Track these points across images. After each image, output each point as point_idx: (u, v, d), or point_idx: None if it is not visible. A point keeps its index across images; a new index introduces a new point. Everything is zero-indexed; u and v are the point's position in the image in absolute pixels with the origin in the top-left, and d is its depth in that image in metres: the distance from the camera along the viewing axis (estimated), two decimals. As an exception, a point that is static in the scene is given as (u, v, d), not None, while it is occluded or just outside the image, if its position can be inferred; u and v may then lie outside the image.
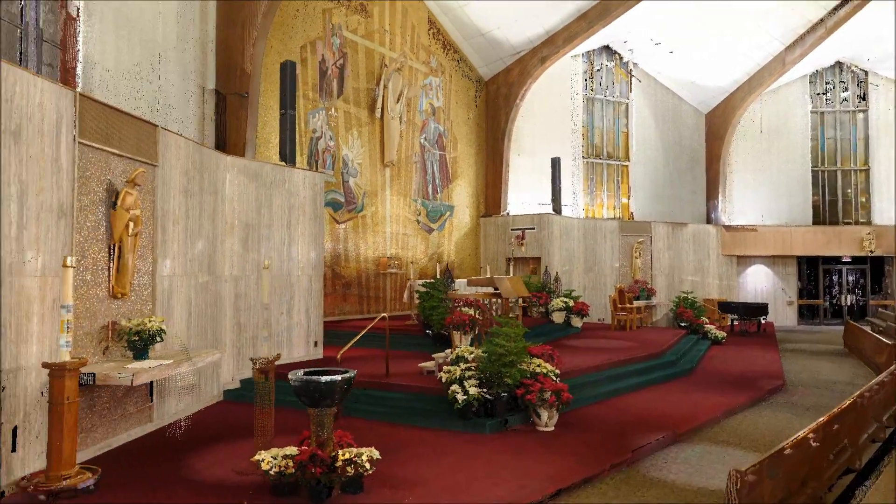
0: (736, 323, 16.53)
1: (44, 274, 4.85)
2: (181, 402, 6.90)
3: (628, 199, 19.71)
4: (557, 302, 13.08)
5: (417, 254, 14.76)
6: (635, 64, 19.60)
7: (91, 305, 5.45)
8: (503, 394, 6.45)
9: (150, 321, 5.70)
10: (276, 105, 11.24)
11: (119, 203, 5.66)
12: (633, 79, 19.73)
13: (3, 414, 4.50)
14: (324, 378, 4.43)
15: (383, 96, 13.56)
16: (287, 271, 8.82)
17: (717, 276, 19.35)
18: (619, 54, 19.36)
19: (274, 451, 4.59)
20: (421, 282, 11.27)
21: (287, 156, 8.96)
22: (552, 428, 6.44)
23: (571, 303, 13.13)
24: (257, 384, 5.40)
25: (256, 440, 5.28)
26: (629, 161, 19.69)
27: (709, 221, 20.02)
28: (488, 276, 9.45)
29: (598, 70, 19.35)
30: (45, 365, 4.47)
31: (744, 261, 19.92)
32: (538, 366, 6.77)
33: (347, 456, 4.49)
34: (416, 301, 10.75)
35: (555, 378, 6.79)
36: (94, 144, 5.45)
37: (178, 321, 6.85)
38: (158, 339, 5.82)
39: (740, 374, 10.05)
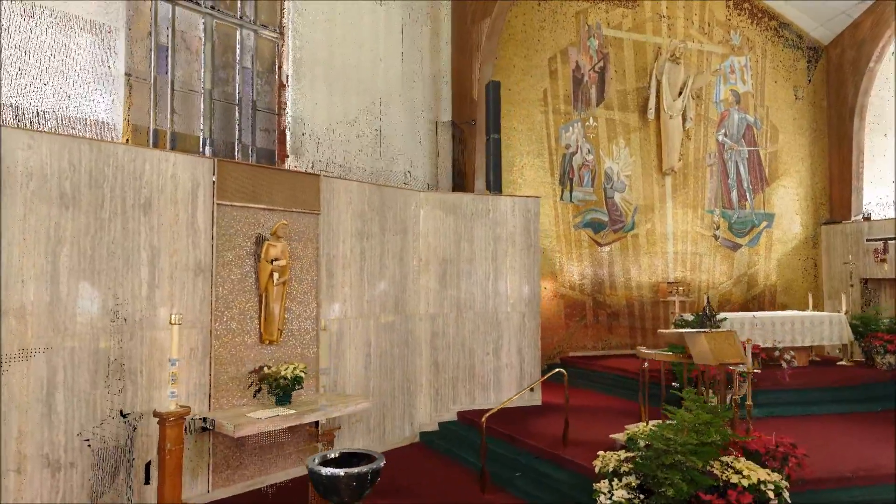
0: None
1: (179, 326, 5.44)
2: (357, 443, 6.97)
3: None
4: (921, 349, 8.90)
5: (715, 276, 12.07)
6: None
7: (237, 352, 5.91)
8: (667, 508, 4.50)
9: (285, 369, 5.89)
10: (517, 127, 10.72)
11: (262, 255, 6.02)
12: None
13: (136, 451, 5.18)
14: (325, 471, 3.73)
15: (657, 93, 11.57)
16: (493, 308, 8.16)
17: None
18: None
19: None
20: (682, 317, 9.08)
21: (491, 183, 8.32)
22: (747, 577, 4.20)
23: (949, 351, 8.77)
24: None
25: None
26: None
27: None
28: (676, 328, 6.79)
29: None
30: (154, 414, 4.97)
31: None
32: (737, 473, 4.52)
33: (353, 570, 3.69)
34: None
35: (772, 494, 4.44)
36: (237, 203, 5.93)
37: (351, 363, 6.96)
38: (298, 385, 5.98)
39: None
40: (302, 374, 5.95)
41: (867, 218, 12.34)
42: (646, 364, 5.50)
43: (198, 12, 7.13)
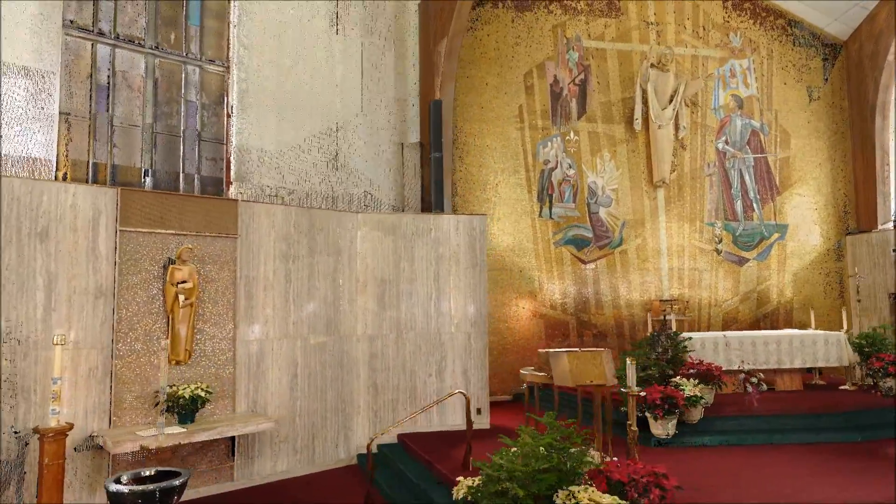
0: None
1: (77, 346, 5.76)
2: (280, 464, 7.02)
3: None
4: (929, 372, 7.88)
5: (718, 293, 11.27)
6: None
7: (142, 371, 6.16)
8: (501, 539, 4.21)
9: (184, 388, 6.06)
10: (491, 145, 10.60)
11: (168, 278, 6.27)
12: None
13: (27, 465, 5.48)
14: (112, 487, 3.81)
15: (644, 103, 11.09)
16: (435, 329, 8.03)
17: None
18: None
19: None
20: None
21: (433, 202, 8.25)
22: None
23: (962, 374, 7.72)
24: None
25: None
26: None
27: None
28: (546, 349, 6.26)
29: None
30: (35, 430, 5.26)
31: None
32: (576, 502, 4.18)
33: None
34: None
35: (614, 529, 4.07)
36: (143, 230, 6.23)
37: (273, 383, 7.05)
38: (200, 405, 6.13)
39: None
40: (202, 394, 6.11)
41: (899, 225, 11.16)
42: (524, 385, 5.22)
43: (140, 52, 7.62)
